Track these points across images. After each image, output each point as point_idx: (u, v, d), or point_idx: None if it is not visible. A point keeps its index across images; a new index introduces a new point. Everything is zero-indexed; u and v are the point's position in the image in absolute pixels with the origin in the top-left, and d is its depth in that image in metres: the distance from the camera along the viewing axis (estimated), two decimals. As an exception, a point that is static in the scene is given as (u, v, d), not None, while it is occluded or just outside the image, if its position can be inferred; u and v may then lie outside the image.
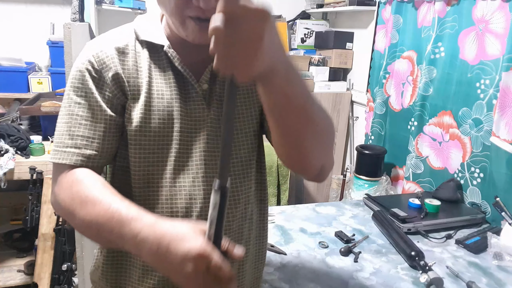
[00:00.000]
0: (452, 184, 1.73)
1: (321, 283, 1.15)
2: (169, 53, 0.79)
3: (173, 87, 0.80)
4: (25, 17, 2.60)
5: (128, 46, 0.81)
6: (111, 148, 0.79)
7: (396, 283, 1.17)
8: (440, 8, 1.86)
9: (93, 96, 0.77)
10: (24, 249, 2.38)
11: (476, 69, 1.69)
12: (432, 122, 1.93)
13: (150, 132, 0.79)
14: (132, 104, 0.79)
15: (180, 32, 0.76)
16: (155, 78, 0.80)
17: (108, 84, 0.78)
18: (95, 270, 0.90)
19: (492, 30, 1.62)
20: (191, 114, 0.81)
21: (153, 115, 0.79)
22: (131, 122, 0.78)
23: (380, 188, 2.08)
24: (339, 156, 2.83)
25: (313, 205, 1.70)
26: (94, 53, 0.79)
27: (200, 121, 0.81)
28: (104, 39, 0.82)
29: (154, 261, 0.61)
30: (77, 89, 0.78)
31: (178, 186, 0.81)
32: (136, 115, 0.78)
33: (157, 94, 0.79)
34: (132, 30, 0.83)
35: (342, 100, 2.73)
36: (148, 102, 0.79)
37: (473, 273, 1.24)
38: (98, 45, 0.80)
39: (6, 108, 2.44)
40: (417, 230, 1.47)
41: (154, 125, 0.79)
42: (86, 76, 0.78)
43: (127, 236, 0.63)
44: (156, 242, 0.59)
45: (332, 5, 2.73)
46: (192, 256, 0.56)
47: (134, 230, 0.62)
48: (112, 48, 0.80)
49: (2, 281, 2.14)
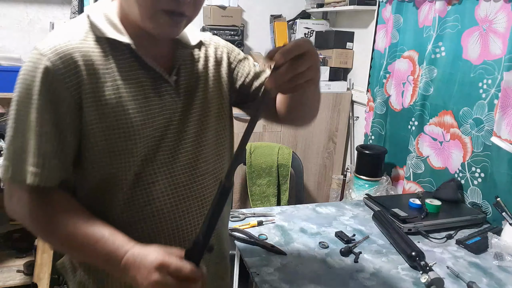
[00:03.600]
0: (453, 184, 1.72)
1: (321, 283, 1.15)
2: (137, 51, 0.77)
3: (145, 84, 0.78)
4: (24, 17, 2.60)
5: (90, 47, 0.74)
6: (71, 161, 0.77)
7: (397, 283, 1.17)
8: (441, 8, 1.85)
9: (53, 109, 0.71)
10: (23, 249, 2.37)
11: (479, 69, 1.68)
12: (432, 122, 1.93)
13: (135, 135, 0.76)
14: (107, 111, 0.74)
15: (146, 25, 0.73)
16: (125, 79, 0.76)
17: (71, 93, 0.71)
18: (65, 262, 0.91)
19: (496, 30, 1.62)
20: (168, 107, 0.81)
21: (133, 118, 0.76)
22: (111, 129, 0.75)
23: (381, 188, 2.08)
24: (339, 156, 2.83)
25: (313, 205, 1.69)
26: (53, 59, 0.70)
27: (177, 112, 0.82)
28: (61, 41, 0.73)
29: (130, 278, 0.70)
30: (34, 100, 0.71)
31: (168, 178, 0.81)
32: (115, 121, 0.74)
33: (132, 95, 0.76)
34: (88, 27, 0.76)
35: (342, 100, 2.72)
36: (124, 105, 0.75)
37: (474, 274, 1.24)
38: (56, 50, 0.71)
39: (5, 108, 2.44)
40: (418, 230, 1.46)
41: (135, 128, 0.76)
42: (44, 86, 0.70)
43: (111, 264, 0.71)
44: (128, 264, 0.69)
45: (332, 5, 2.73)
46: (154, 266, 0.66)
47: (118, 258, 0.70)
48: (74, 51, 0.72)
49: (2, 281, 2.13)
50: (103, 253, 0.71)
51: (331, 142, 2.78)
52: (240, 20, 2.77)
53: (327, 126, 2.72)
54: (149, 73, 0.79)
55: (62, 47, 0.72)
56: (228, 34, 2.65)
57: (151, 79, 0.79)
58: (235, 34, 2.69)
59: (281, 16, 2.96)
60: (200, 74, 0.88)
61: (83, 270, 0.86)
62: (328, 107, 2.68)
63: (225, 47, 0.97)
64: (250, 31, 2.99)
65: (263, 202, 2.39)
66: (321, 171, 2.82)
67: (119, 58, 0.76)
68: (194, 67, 0.88)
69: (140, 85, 0.78)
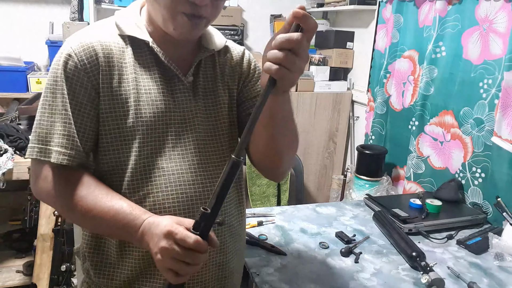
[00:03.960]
0: (453, 184, 1.72)
1: (322, 284, 1.14)
2: (155, 49, 0.82)
3: (159, 82, 0.83)
4: (24, 17, 2.59)
5: (112, 42, 0.81)
6: (92, 145, 0.82)
7: (397, 284, 1.16)
8: (441, 8, 1.85)
9: (76, 94, 0.78)
10: (23, 250, 2.37)
11: (479, 68, 1.68)
12: (433, 121, 1.92)
13: (143, 126, 0.81)
14: (121, 101, 0.80)
15: (167, 26, 0.78)
16: (141, 74, 0.82)
17: (92, 82, 0.79)
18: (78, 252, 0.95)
19: (496, 29, 1.62)
20: (180, 106, 0.85)
21: (144, 110, 0.81)
22: (124, 119, 0.80)
23: (381, 188, 2.08)
24: (340, 156, 2.83)
25: (313, 205, 1.69)
26: (77, 50, 0.78)
27: (188, 112, 0.85)
28: (86, 35, 0.81)
29: (145, 246, 0.74)
30: (58, 86, 0.78)
31: (175, 174, 0.83)
32: (127, 112, 0.80)
33: (145, 90, 0.82)
34: (114, 25, 0.83)
35: (343, 99, 2.72)
36: (137, 98, 0.81)
37: (474, 274, 1.24)
38: (81, 42, 0.79)
39: (5, 108, 2.44)
40: (418, 230, 1.46)
41: (146, 120, 0.81)
42: (68, 73, 0.77)
43: (130, 233, 0.75)
44: (144, 232, 0.74)
45: (332, 4, 2.72)
46: (163, 233, 0.69)
47: (136, 227, 0.74)
48: (97, 44, 0.79)
49: (1, 282, 2.13)
50: (122, 224, 0.75)
51: (331, 142, 2.78)
52: (240, 20, 2.77)
53: (327, 126, 2.72)
54: (165, 71, 0.84)
55: (86, 41, 0.79)
56: (228, 33, 2.65)
57: (166, 77, 0.84)
58: (235, 34, 2.69)
59: (281, 16, 2.96)
60: (219, 78, 0.91)
61: (89, 260, 0.89)
62: (328, 107, 2.68)
63: (253, 62, 0.98)
64: (250, 31, 2.99)
65: (263, 202, 2.38)
66: (321, 171, 2.81)
67: (138, 54, 0.82)
68: (214, 71, 0.91)
69: (154, 81, 0.83)
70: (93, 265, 0.88)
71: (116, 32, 0.83)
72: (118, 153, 0.82)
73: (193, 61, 0.87)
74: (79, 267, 1.84)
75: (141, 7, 0.88)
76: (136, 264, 0.84)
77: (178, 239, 0.68)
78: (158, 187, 0.83)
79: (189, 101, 0.85)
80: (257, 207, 2.31)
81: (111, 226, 0.77)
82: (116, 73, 0.80)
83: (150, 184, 0.82)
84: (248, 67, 0.97)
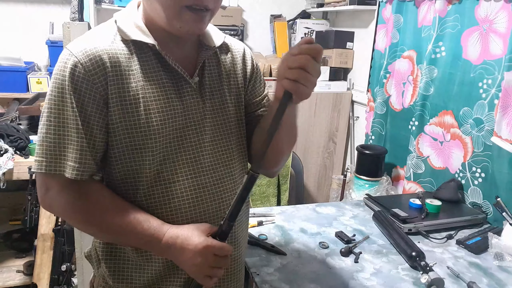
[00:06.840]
0: (453, 184, 1.72)
1: (322, 283, 1.14)
2: (162, 52, 0.80)
3: (167, 86, 0.82)
4: (24, 17, 2.60)
5: (118, 49, 0.79)
6: (102, 155, 0.82)
7: (397, 283, 1.16)
8: (441, 8, 1.85)
9: (84, 106, 0.75)
10: (23, 250, 2.37)
11: (479, 68, 1.68)
12: (433, 121, 1.92)
13: (155, 134, 0.79)
14: (131, 110, 0.78)
15: (173, 25, 0.77)
16: (149, 80, 0.80)
17: (100, 93, 0.76)
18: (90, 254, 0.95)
19: (496, 30, 1.62)
20: (188, 109, 0.84)
21: (154, 118, 0.79)
22: (134, 128, 0.78)
23: (381, 188, 2.08)
24: (340, 156, 2.83)
25: (313, 205, 1.69)
26: (83, 60, 0.75)
27: (197, 114, 0.85)
28: (89, 43, 0.77)
29: (171, 257, 0.80)
30: (66, 98, 0.75)
31: (189, 179, 0.83)
32: (138, 120, 0.78)
33: (154, 97, 0.80)
34: (115, 31, 0.81)
35: (343, 100, 2.72)
36: (146, 105, 0.79)
37: (474, 274, 1.24)
38: (86, 50, 0.76)
39: (5, 108, 2.44)
40: (418, 230, 1.46)
41: (156, 127, 0.79)
42: (76, 85, 0.74)
43: (152, 245, 0.80)
44: (169, 245, 0.78)
45: (332, 5, 2.72)
46: (199, 250, 0.76)
47: (158, 239, 0.79)
48: (103, 53, 0.76)
49: (1, 282, 2.13)
50: (144, 235, 0.78)
51: (331, 142, 2.78)
52: (240, 20, 2.77)
53: (327, 126, 2.72)
54: (171, 74, 0.83)
55: (92, 49, 0.76)
56: (228, 34, 2.64)
57: (173, 80, 0.83)
58: (235, 34, 2.69)
59: (281, 16, 2.96)
60: (223, 76, 0.91)
61: (105, 266, 0.88)
62: (328, 107, 2.68)
63: (254, 60, 1.00)
64: (250, 31, 2.99)
65: (263, 202, 2.39)
66: (321, 171, 2.81)
67: (143, 59, 0.80)
68: (218, 69, 0.90)
69: (162, 86, 0.81)
70: (111, 270, 0.87)
71: (119, 38, 0.80)
72: (131, 162, 0.81)
73: (197, 60, 0.86)
74: (80, 267, 1.84)
75: (138, 6, 0.85)
76: (158, 267, 0.85)
77: (217, 251, 0.77)
78: (173, 193, 0.82)
79: (197, 103, 0.85)
80: (257, 207, 2.31)
81: (132, 240, 0.80)
82: (124, 82, 0.78)
83: (166, 191, 0.82)
84: (251, 66, 0.97)
